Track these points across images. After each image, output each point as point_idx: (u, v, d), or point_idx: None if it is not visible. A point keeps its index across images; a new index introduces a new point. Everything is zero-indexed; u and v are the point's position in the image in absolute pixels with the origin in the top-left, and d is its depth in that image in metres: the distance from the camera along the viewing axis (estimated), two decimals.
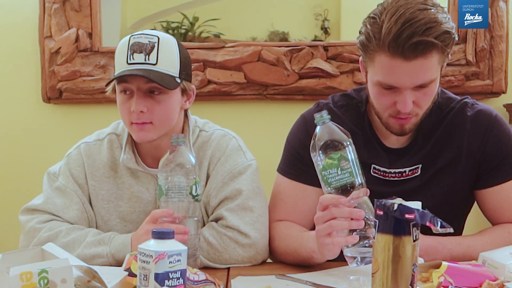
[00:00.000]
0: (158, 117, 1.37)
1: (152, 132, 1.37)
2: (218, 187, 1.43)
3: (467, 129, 1.44)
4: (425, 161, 1.44)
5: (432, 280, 1.12)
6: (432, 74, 1.30)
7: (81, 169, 1.47)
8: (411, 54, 1.24)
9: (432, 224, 0.93)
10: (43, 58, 2.56)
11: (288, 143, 1.54)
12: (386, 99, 1.34)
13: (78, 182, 1.47)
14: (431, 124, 1.45)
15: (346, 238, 1.19)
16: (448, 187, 1.45)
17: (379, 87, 1.33)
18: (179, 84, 1.38)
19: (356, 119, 1.47)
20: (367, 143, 1.45)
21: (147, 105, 1.35)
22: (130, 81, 1.35)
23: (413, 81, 1.29)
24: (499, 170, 1.43)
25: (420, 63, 1.26)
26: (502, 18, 2.44)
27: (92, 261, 1.32)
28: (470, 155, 1.44)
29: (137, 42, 1.35)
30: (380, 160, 1.45)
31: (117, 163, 1.47)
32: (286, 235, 1.42)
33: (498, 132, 1.44)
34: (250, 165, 1.46)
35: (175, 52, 1.38)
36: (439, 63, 1.30)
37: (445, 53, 1.30)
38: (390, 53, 1.26)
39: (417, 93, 1.32)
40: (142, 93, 1.35)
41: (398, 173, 1.45)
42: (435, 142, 1.45)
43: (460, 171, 1.44)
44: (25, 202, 1.49)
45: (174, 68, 1.37)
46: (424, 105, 1.35)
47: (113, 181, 1.47)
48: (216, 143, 1.47)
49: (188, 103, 1.46)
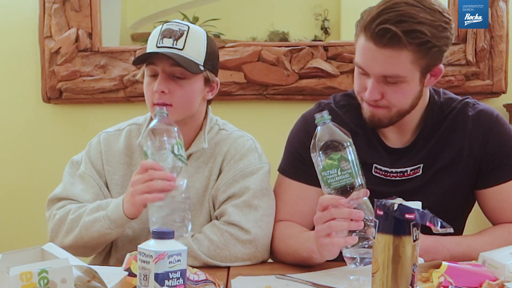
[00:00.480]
0: (179, 100, 1.41)
1: (171, 114, 1.38)
2: (228, 183, 1.44)
3: (468, 129, 1.44)
4: (427, 160, 1.44)
5: (432, 280, 1.12)
6: (400, 70, 1.30)
7: (99, 156, 1.52)
8: (379, 40, 1.27)
9: (432, 224, 0.93)
10: (43, 58, 2.56)
11: (289, 143, 1.55)
12: (360, 82, 1.38)
13: (96, 168, 1.51)
14: (432, 124, 1.45)
15: (346, 239, 1.19)
16: (449, 186, 1.45)
17: (356, 70, 1.38)
18: (202, 72, 1.42)
19: (357, 119, 1.46)
20: (368, 143, 1.46)
21: (169, 87, 1.40)
22: (156, 63, 1.41)
23: (379, 69, 1.31)
24: (499, 170, 1.43)
25: (389, 54, 1.28)
26: (502, 18, 2.45)
27: (93, 227, 1.35)
28: (471, 155, 1.44)
29: (168, 28, 1.42)
30: (381, 160, 1.45)
31: (132, 150, 1.52)
32: (287, 235, 1.42)
33: (499, 132, 1.44)
34: (263, 167, 1.48)
35: (203, 42, 1.44)
36: (412, 62, 1.30)
37: (423, 53, 1.29)
38: (365, 36, 1.30)
39: (385, 86, 1.33)
40: (166, 75, 1.40)
41: (400, 172, 1.45)
42: (436, 141, 1.45)
43: (461, 171, 1.44)
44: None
45: (200, 56, 1.42)
46: (394, 102, 1.35)
47: (127, 167, 1.50)
48: (233, 141, 1.50)
49: (211, 94, 1.50)
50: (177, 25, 1.43)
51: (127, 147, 1.52)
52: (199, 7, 3.16)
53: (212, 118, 1.54)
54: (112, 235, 1.36)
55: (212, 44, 1.47)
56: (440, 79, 1.39)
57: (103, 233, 1.35)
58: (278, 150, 1.58)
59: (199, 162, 1.48)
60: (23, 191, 2.58)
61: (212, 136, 1.51)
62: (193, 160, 1.48)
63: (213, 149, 1.49)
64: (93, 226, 1.36)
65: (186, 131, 1.44)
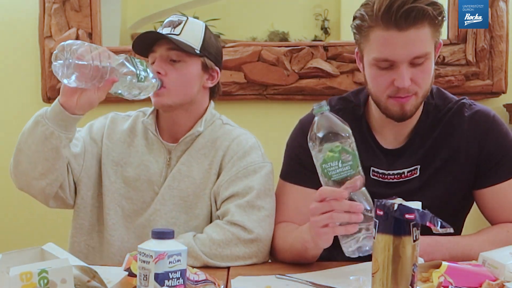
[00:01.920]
0: (173, 82, 1.44)
1: (166, 96, 1.45)
2: (230, 180, 1.45)
3: (464, 129, 1.44)
4: (423, 162, 1.44)
5: (432, 280, 1.12)
6: (426, 46, 1.32)
7: (101, 128, 1.56)
8: (403, 23, 1.28)
9: (432, 224, 0.93)
10: (43, 58, 2.56)
11: (288, 148, 1.56)
12: (383, 79, 1.35)
13: (91, 136, 1.54)
14: (429, 124, 1.45)
15: (346, 227, 1.19)
16: (447, 187, 1.45)
17: (376, 68, 1.35)
18: (197, 55, 1.46)
19: (353, 122, 1.43)
20: (365, 145, 1.45)
21: (165, 68, 1.44)
22: (155, 50, 1.46)
23: (409, 52, 1.31)
24: (497, 170, 1.43)
25: (414, 33, 1.29)
26: (502, 18, 2.45)
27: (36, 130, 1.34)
28: (468, 155, 1.44)
29: (169, 20, 1.50)
30: (378, 162, 1.46)
31: (135, 133, 1.55)
32: (285, 234, 1.43)
33: (496, 132, 1.44)
34: (266, 166, 1.48)
35: (200, 31, 1.49)
36: (432, 37, 1.32)
37: (437, 27, 1.33)
38: (384, 25, 1.29)
39: (413, 69, 1.33)
40: (163, 59, 1.45)
41: (397, 174, 1.45)
42: (432, 142, 1.45)
43: (459, 171, 1.44)
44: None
45: (196, 41, 1.47)
46: (422, 83, 1.35)
47: (126, 147, 1.53)
48: (236, 137, 1.51)
49: (211, 82, 1.52)
50: (177, 17, 1.50)
51: (131, 129, 1.55)
52: (199, 7, 3.16)
53: (216, 114, 1.56)
54: (55, 135, 1.34)
55: (212, 35, 1.52)
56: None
57: (46, 134, 1.33)
58: (278, 150, 1.58)
59: (199, 154, 1.49)
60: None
61: (214, 129, 1.52)
62: (194, 151, 1.49)
63: (214, 142, 1.50)
64: (34, 130, 1.35)
65: (186, 118, 1.50)
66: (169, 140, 1.52)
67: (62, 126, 1.34)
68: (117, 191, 1.49)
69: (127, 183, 1.50)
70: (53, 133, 1.33)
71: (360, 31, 1.36)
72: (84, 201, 1.51)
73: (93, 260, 1.49)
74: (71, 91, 1.31)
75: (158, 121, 1.54)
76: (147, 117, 1.53)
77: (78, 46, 1.24)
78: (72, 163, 1.47)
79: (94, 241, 1.51)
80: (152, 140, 1.52)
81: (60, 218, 2.35)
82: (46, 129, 1.33)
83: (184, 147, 1.50)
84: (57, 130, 1.33)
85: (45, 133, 1.34)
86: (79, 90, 1.30)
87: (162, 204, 1.47)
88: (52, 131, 1.33)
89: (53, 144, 1.35)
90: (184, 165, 1.48)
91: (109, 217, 1.48)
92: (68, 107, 1.32)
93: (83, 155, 1.49)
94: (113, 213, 1.48)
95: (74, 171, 1.48)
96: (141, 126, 1.55)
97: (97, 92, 1.30)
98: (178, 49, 1.43)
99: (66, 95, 1.32)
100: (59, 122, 1.33)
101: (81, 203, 1.51)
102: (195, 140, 1.50)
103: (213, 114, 1.56)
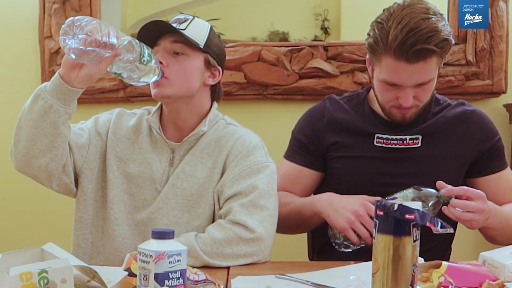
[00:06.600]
0: (174, 73, 1.46)
1: (167, 87, 1.46)
2: (234, 179, 1.45)
3: (466, 119, 1.63)
4: (425, 134, 1.60)
5: (432, 280, 1.12)
6: (431, 74, 1.50)
7: (107, 123, 1.57)
8: (413, 58, 1.44)
9: (432, 225, 0.93)
10: (43, 58, 2.56)
11: (292, 133, 1.73)
12: (390, 94, 1.54)
13: (97, 130, 1.55)
14: (430, 109, 1.64)
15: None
16: (446, 159, 1.61)
17: (384, 84, 1.53)
18: (200, 50, 1.48)
19: (357, 106, 1.68)
20: (369, 119, 1.64)
21: (168, 60, 1.46)
22: (159, 43, 1.48)
23: (414, 81, 1.49)
24: (497, 160, 1.64)
25: (421, 66, 1.45)
26: (502, 18, 2.44)
27: (36, 105, 1.34)
28: (468, 143, 1.62)
29: (176, 17, 1.52)
30: (382, 129, 1.62)
31: (140, 130, 1.56)
32: (288, 201, 1.60)
33: (493, 130, 1.66)
34: (269, 166, 1.50)
35: (205, 29, 1.51)
36: (437, 65, 1.50)
37: (443, 56, 1.50)
38: (396, 57, 1.45)
39: (417, 89, 1.51)
40: (166, 51, 1.47)
41: (400, 140, 1.60)
42: (434, 123, 1.62)
43: (458, 155, 1.62)
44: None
45: (200, 38, 1.49)
46: (423, 98, 1.55)
47: (131, 144, 1.54)
48: (240, 137, 1.52)
49: (212, 80, 1.53)
50: (183, 15, 1.53)
51: (136, 126, 1.57)
52: (199, 7, 3.16)
53: (219, 114, 1.58)
54: (53, 109, 1.33)
55: (216, 36, 1.54)
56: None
57: (45, 108, 1.33)
58: (278, 149, 1.58)
59: (203, 154, 1.50)
60: (24, 191, 2.58)
61: (218, 129, 1.54)
62: (197, 150, 1.50)
63: (218, 142, 1.51)
64: (35, 104, 1.35)
65: (187, 114, 1.51)
66: (172, 139, 1.53)
67: (61, 99, 1.33)
68: (120, 186, 1.50)
69: (129, 179, 1.51)
70: (52, 106, 1.33)
71: (373, 52, 1.51)
72: (84, 193, 1.51)
73: (91, 255, 1.50)
74: (72, 64, 1.31)
75: (161, 120, 1.55)
76: (152, 115, 1.55)
77: (87, 22, 1.24)
78: (75, 154, 1.48)
79: (93, 235, 1.52)
80: (156, 138, 1.54)
81: (61, 218, 2.35)
82: (45, 102, 1.33)
83: (187, 146, 1.51)
84: (56, 104, 1.33)
85: (44, 107, 1.34)
86: (80, 63, 1.30)
87: (165, 202, 1.47)
88: (51, 104, 1.33)
89: (52, 118, 1.34)
90: (188, 165, 1.49)
91: (112, 211, 1.49)
92: (68, 80, 1.32)
93: (87, 147, 1.51)
94: (117, 208, 1.49)
95: (77, 162, 1.49)
96: (145, 124, 1.56)
97: (98, 65, 1.30)
98: (182, 41, 1.45)
99: (67, 67, 1.32)
100: (59, 95, 1.33)
101: (81, 195, 1.52)
102: (198, 140, 1.51)
103: (217, 114, 1.57)
